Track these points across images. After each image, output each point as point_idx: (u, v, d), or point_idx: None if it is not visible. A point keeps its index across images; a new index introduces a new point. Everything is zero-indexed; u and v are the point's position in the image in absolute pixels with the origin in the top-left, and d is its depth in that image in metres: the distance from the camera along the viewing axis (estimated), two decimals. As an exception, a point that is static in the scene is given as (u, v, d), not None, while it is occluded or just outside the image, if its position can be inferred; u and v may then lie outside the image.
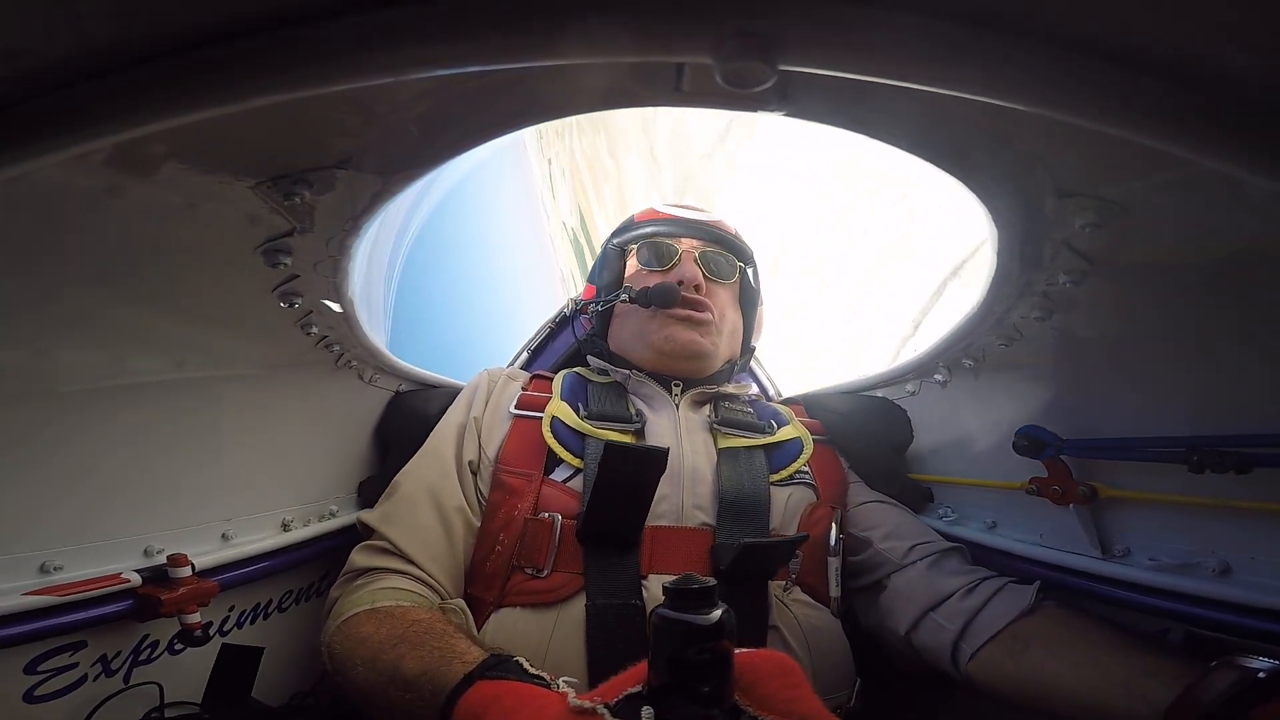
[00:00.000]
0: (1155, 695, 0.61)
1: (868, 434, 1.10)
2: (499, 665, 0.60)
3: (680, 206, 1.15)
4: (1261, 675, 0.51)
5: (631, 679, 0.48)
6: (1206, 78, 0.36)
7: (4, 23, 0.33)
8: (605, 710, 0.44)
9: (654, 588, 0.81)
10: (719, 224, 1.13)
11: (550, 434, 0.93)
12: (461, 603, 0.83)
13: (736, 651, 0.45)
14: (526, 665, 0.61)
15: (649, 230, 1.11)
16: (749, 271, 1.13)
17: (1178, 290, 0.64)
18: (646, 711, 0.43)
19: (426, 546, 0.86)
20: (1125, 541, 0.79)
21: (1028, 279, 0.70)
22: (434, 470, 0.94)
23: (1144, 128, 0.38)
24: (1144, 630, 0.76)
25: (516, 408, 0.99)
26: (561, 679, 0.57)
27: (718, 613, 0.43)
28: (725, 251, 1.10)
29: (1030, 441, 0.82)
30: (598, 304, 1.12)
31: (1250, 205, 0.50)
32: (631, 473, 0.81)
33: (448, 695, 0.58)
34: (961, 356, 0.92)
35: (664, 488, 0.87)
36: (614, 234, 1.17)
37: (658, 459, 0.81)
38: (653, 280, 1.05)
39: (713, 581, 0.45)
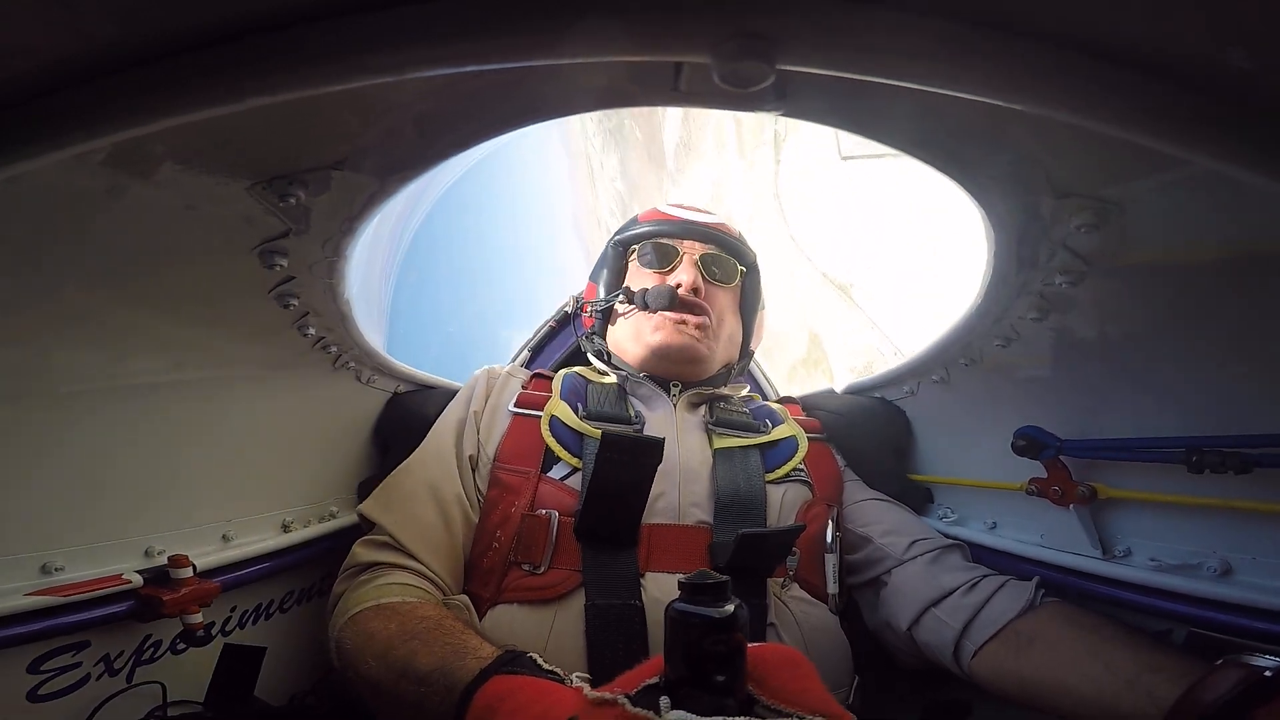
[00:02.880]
0: (1160, 692, 0.61)
1: (866, 434, 1.10)
2: (514, 661, 0.61)
3: (684, 208, 1.15)
4: (1267, 674, 0.51)
5: (648, 671, 0.49)
6: (1206, 78, 0.36)
7: (4, 23, 0.33)
8: (625, 700, 0.45)
9: (652, 587, 0.81)
10: (722, 227, 1.13)
11: (549, 432, 0.94)
12: (465, 599, 0.83)
13: (749, 645, 0.46)
14: (540, 661, 0.61)
15: (651, 231, 1.11)
16: (751, 276, 1.13)
17: (1176, 290, 0.64)
18: (664, 701, 0.44)
19: (426, 540, 0.87)
20: (1126, 542, 0.79)
21: (1024, 280, 0.70)
22: (433, 463, 0.94)
23: (1143, 128, 0.38)
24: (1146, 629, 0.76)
25: (516, 405, 0.99)
26: (575, 674, 0.58)
27: (731, 606, 0.44)
28: (727, 255, 1.10)
29: (1029, 442, 0.82)
30: (597, 303, 1.12)
31: (1249, 205, 0.50)
32: (629, 462, 0.81)
33: (464, 689, 0.58)
34: (959, 357, 0.92)
35: (661, 486, 0.87)
36: (617, 233, 1.17)
37: (654, 448, 0.82)
38: (653, 281, 1.06)
39: (726, 577, 0.46)
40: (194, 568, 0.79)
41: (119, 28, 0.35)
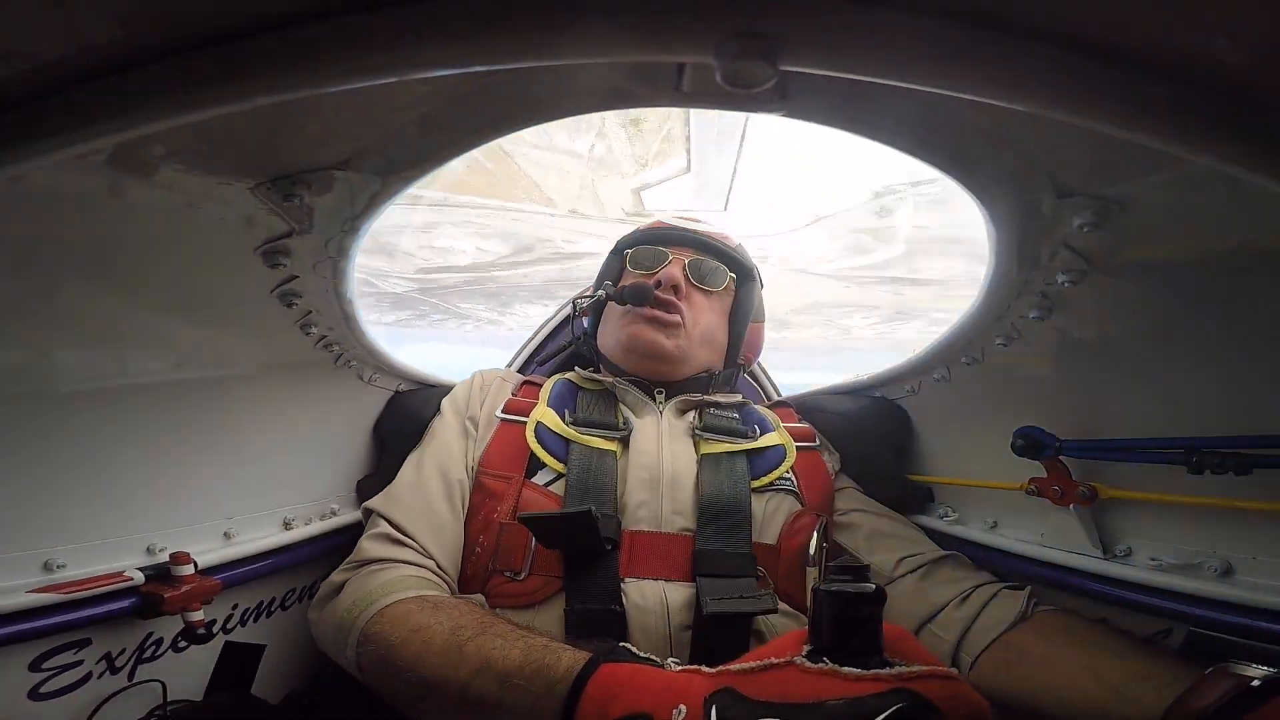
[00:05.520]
0: (1148, 700, 0.61)
1: (867, 435, 1.09)
2: (613, 651, 0.60)
3: (687, 219, 1.17)
4: (1255, 683, 0.51)
5: (788, 646, 0.50)
6: (1206, 77, 0.36)
7: (4, 23, 0.33)
8: (803, 659, 0.47)
9: (633, 593, 0.81)
10: (720, 236, 1.14)
11: (534, 438, 0.94)
12: (481, 598, 0.83)
13: None
14: (634, 649, 0.61)
15: (646, 236, 1.14)
16: (745, 285, 1.13)
17: (1177, 290, 0.64)
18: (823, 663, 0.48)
19: (436, 536, 0.87)
20: (1126, 541, 0.79)
21: (1026, 279, 0.70)
22: (440, 462, 0.95)
23: (1143, 128, 0.38)
24: (1142, 632, 0.76)
25: (503, 412, 1.00)
26: (670, 659, 0.57)
27: (873, 585, 0.49)
28: (718, 261, 1.10)
29: (1028, 442, 0.82)
30: (582, 301, 1.15)
31: (1250, 205, 0.50)
32: (565, 533, 0.81)
33: (575, 678, 0.57)
34: (960, 356, 0.92)
35: (643, 494, 0.88)
36: (619, 241, 1.18)
37: (579, 521, 0.79)
38: None
39: (867, 563, 0.51)
40: (195, 565, 0.79)
41: (119, 28, 0.35)
